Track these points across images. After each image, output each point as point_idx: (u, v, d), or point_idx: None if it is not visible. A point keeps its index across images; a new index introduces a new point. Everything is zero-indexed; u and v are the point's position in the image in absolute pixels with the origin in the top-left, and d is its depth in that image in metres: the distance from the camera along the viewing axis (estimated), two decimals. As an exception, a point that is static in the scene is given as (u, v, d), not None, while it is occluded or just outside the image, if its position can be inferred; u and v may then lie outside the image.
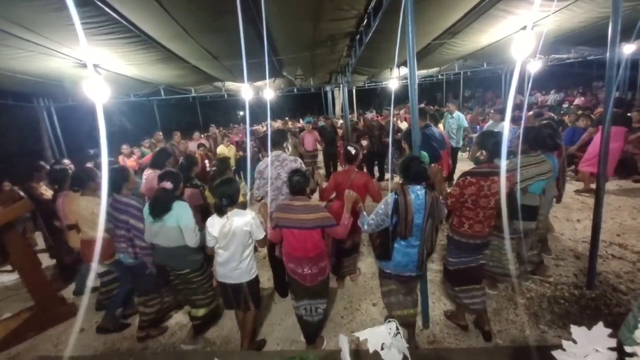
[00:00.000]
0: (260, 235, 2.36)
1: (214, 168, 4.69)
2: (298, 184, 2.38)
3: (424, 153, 3.95)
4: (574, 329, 0.79)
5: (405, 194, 2.05)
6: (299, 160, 3.06)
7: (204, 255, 2.67)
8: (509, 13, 4.16)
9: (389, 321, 0.92)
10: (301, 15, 3.72)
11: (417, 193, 2.07)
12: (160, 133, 8.13)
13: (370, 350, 0.89)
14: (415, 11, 2.14)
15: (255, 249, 2.53)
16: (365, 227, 2.23)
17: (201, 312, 2.72)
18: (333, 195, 3.19)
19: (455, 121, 6.69)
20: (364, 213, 2.33)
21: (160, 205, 2.43)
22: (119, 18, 3.12)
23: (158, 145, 7.30)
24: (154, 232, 2.50)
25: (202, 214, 3.10)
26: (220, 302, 2.71)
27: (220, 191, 2.26)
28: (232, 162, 6.71)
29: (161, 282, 2.83)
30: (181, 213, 2.45)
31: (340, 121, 9.97)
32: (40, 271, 3.22)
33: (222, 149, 7.19)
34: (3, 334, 2.95)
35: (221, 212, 2.27)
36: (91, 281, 3.29)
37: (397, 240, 2.16)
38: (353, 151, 3.10)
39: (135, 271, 2.74)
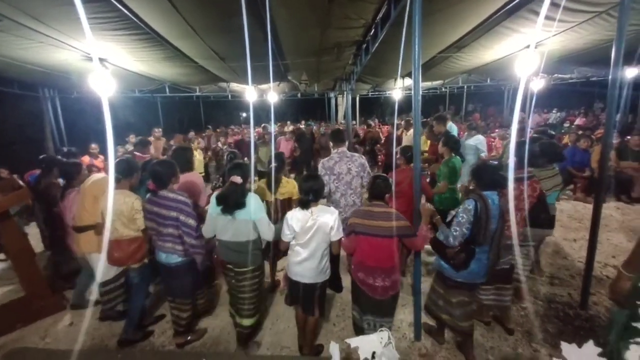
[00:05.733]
0: (338, 236, 2.27)
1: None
2: (379, 187, 2.26)
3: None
4: (564, 346, 0.79)
5: (485, 200, 2.04)
6: (363, 157, 3.20)
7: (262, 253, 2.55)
8: (514, 31, 4.22)
9: (381, 330, 0.92)
10: (310, 22, 3.76)
11: (492, 199, 2.08)
12: (159, 130, 7.50)
13: (361, 359, 0.88)
14: (423, 24, 2.16)
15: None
16: (451, 240, 2.11)
17: (246, 322, 2.54)
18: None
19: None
20: (444, 226, 2.22)
21: (234, 200, 2.28)
22: (129, 15, 3.16)
23: (159, 142, 7.22)
24: (221, 226, 2.36)
25: None
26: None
27: (307, 186, 2.22)
28: (201, 167, 6.70)
29: (197, 284, 2.72)
30: (256, 207, 2.33)
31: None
32: (34, 262, 3.20)
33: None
34: (-9, 323, 2.92)
35: (306, 206, 2.24)
36: (96, 285, 2.93)
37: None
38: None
39: (179, 271, 2.51)
